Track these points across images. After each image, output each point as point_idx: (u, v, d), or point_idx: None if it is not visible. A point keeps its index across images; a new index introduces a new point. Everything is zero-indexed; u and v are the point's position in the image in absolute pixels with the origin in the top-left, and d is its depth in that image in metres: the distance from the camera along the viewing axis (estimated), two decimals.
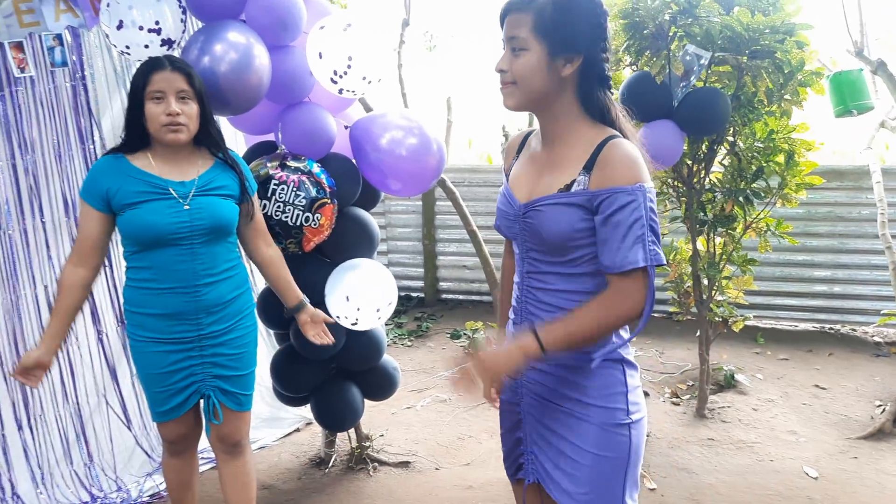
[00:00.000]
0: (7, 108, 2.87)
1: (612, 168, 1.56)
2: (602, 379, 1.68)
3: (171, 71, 2.20)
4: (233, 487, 2.57)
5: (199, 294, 2.29)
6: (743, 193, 3.56)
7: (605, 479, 1.70)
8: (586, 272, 1.65)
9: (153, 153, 2.28)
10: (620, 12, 3.29)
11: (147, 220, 2.19)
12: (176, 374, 2.34)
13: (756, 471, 3.33)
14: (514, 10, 1.61)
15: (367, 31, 2.63)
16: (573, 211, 1.60)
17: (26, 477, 3.03)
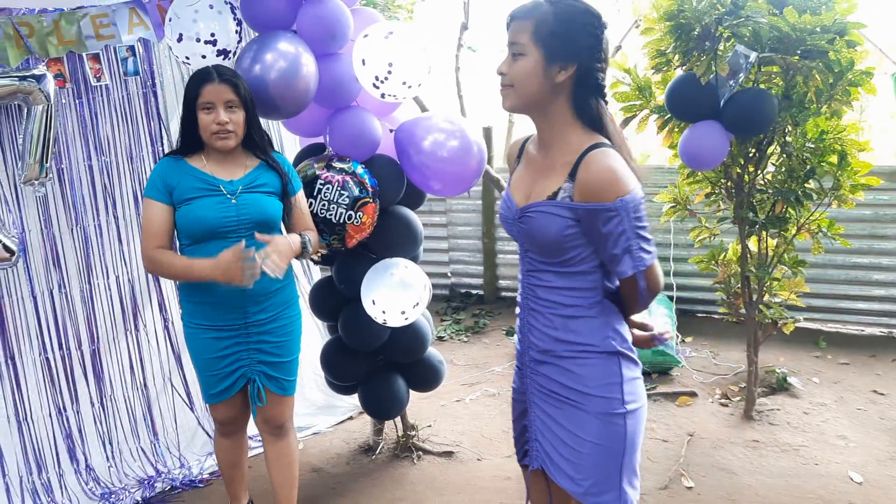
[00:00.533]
0: (85, 113, 3.15)
1: (592, 183, 1.66)
2: (598, 370, 1.79)
3: (220, 83, 2.40)
4: (277, 467, 2.76)
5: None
6: (794, 194, 3.53)
7: (603, 466, 1.80)
8: (582, 270, 1.77)
9: (206, 155, 2.50)
10: (665, 14, 3.31)
11: (199, 215, 2.41)
12: (224, 360, 2.55)
13: (799, 474, 3.31)
14: (518, 17, 1.73)
15: (408, 38, 2.76)
16: (559, 219, 1.72)
17: (98, 451, 3.32)
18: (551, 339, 1.82)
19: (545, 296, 1.82)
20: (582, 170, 1.68)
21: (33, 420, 3.15)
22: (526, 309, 1.89)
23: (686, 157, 3.40)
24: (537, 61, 1.70)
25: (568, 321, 1.80)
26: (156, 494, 3.30)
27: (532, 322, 1.87)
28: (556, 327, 1.81)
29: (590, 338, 1.78)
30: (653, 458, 3.49)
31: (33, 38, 2.86)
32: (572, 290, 1.78)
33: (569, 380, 1.81)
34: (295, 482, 2.80)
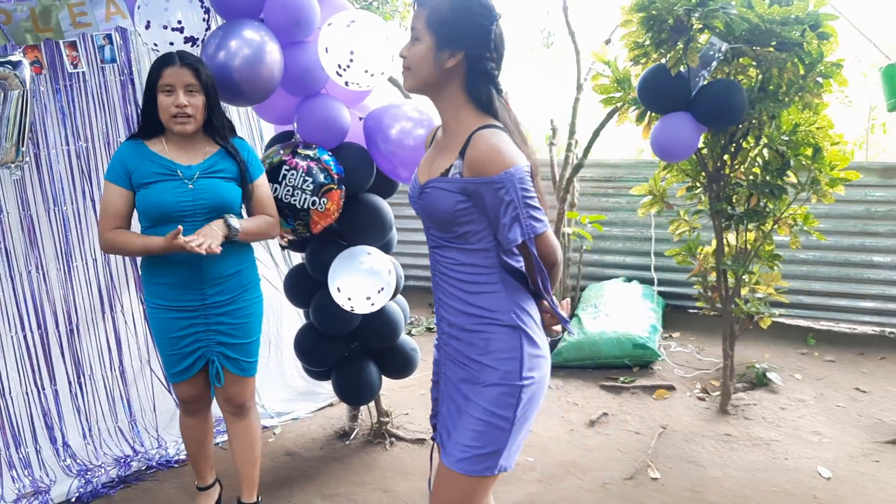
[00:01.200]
0: (62, 99, 3.23)
1: (478, 159, 1.75)
2: (501, 343, 1.85)
3: (181, 66, 2.46)
4: (239, 445, 2.83)
5: (202, 267, 2.54)
6: (769, 187, 3.52)
7: (490, 436, 1.84)
8: (480, 248, 1.85)
9: (167, 139, 2.56)
10: (636, 6, 3.32)
11: (156, 199, 2.47)
12: (184, 340, 2.61)
13: (767, 468, 3.30)
14: (419, 3, 1.83)
15: (370, 27, 2.80)
16: (450, 194, 1.80)
17: (76, 429, 3.41)
18: (458, 312, 1.89)
19: (450, 272, 1.90)
20: (470, 148, 1.77)
21: (12, 397, 3.25)
22: (436, 285, 1.97)
23: (657, 148, 3.41)
24: (429, 47, 1.80)
25: (471, 296, 1.86)
26: (132, 473, 3.37)
27: (441, 296, 1.94)
28: (462, 301, 1.88)
29: (493, 312, 1.85)
30: (622, 449, 3.50)
31: (10, 25, 2.95)
32: (473, 267, 1.86)
33: (472, 351, 1.87)
34: (257, 461, 2.87)
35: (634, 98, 3.63)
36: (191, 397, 2.77)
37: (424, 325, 5.41)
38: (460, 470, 1.85)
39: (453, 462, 1.85)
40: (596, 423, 3.77)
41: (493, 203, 1.75)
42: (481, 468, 1.84)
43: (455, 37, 1.78)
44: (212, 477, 3.00)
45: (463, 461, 1.84)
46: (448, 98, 1.86)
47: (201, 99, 2.50)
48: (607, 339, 4.36)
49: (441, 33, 1.78)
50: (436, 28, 1.79)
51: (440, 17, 1.79)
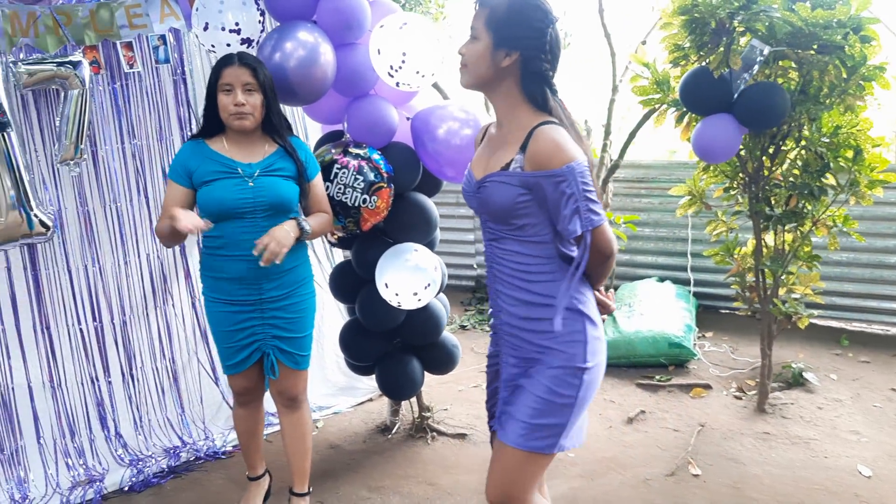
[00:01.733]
0: (118, 98, 3.33)
1: (541, 153, 1.83)
2: (565, 326, 1.92)
3: (239, 66, 2.54)
4: (291, 437, 2.90)
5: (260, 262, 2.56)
6: (808, 188, 3.54)
7: (551, 412, 1.92)
8: (537, 241, 1.92)
9: (227, 138, 2.64)
10: (680, 9, 3.36)
11: (217, 196, 2.54)
12: (240, 333, 2.68)
13: (807, 466, 3.33)
14: (480, 3, 1.92)
15: (421, 29, 2.87)
16: (511, 188, 1.88)
17: (128, 420, 3.50)
18: (519, 301, 1.95)
19: (508, 263, 1.96)
20: (531, 142, 1.84)
21: (67, 387, 3.35)
22: (493, 277, 2.02)
23: (699, 149, 3.45)
24: (486, 46, 1.89)
25: (532, 284, 1.93)
26: (181, 463, 3.46)
27: (499, 288, 2.00)
28: (523, 290, 1.94)
29: (554, 298, 1.92)
30: (661, 446, 3.55)
31: (70, 27, 3.04)
32: (532, 257, 1.93)
33: (536, 337, 1.94)
34: (308, 453, 2.93)
35: (674, 100, 3.67)
36: (244, 389, 2.84)
37: (458, 322, 5.47)
38: (520, 445, 1.92)
39: (513, 438, 1.92)
40: (634, 421, 3.82)
41: (554, 196, 1.83)
42: (542, 444, 1.92)
43: (511, 37, 1.87)
44: (262, 467, 3.08)
45: (523, 436, 1.91)
46: (504, 95, 1.94)
47: (259, 98, 2.57)
48: (643, 337, 4.40)
49: (498, 33, 1.87)
50: (494, 28, 1.87)
51: (498, 17, 1.87)
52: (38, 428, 3.29)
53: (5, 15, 2.92)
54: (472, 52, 1.91)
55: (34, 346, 3.28)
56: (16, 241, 3.04)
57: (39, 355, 3.29)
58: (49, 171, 3.22)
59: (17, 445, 3.24)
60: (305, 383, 2.89)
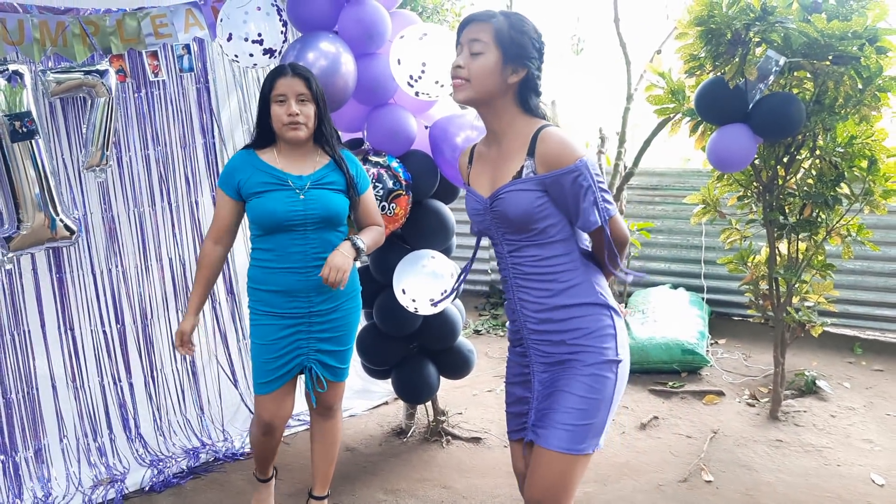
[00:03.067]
0: (143, 106, 3.40)
1: (552, 153, 1.89)
2: (595, 322, 1.97)
3: (293, 77, 2.52)
4: (321, 444, 2.89)
5: (311, 275, 2.57)
6: (823, 198, 3.57)
7: (591, 413, 1.95)
8: (557, 240, 1.97)
9: (278, 149, 2.62)
10: (696, 19, 3.40)
11: (268, 208, 2.53)
12: (284, 342, 2.63)
13: (820, 474, 3.35)
14: (479, 19, 1.95)
15: (441, 40, 2.92)
16: (529, 193, 1.92)
17: (148, 420, 3.57)
18: (547, 307, 1.98)
19: (533, 270, 1.98)
20: (539, 145, 1.90)
21: (89, 387, 3.42)
22: (514, 288, 2.04)
23: (714, 159, 3.48)
24: (496, 62, 1.92)
25: (557, 285, 1.97)
26: (200, 464, 3.52)
27: (524, 297, 2.01)
28: (549, 292, 1.97)
29: (581, 296, 1.96)
30: (675, 453, 3.58)
31: (98, 36, 3.11)
32: (555, 258, 1.97)
33: (568, 337, 1.97)
34: (333, 460, 2.93)
35: (689, 109, 3.71)
36: (271, 415, 2.71)
37: (472, 327, 5.52)
38: (568, 450, 1.93)
39: (559, 444, 1.93)
40: (647, 427, 3.85)
41: (573, 191, 1.88)
42: (584, 446, 1.95)
43: (521, 55, 1.92)
44: (272, 470, 3.12)
45: (569, 440, 1.93)
46: (502, 109, 1.98)
47: (312, 108, 2.55)
48: (656, 344, 4.43)
49: (509, 50, 1.91)
50: (504, 44, 1.91)
51: (508, 34, 1.91)
52: (62, 427, 3.36)
53: (35, 24, 3.00)
54: (480, 68, 1.92)
55: (58, 347, 3.35)
56: (41, 244, 3.11)
57: (63, 356, 3.36)
58: (75, 176, 3.29)
59: (41, 444, 3.30)
60: (342, 393, 2.87)
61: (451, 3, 6.46)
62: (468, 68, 1.93)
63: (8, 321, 3.21)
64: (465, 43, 1.95)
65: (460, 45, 1.97)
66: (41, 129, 3.01)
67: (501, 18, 1.93)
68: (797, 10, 3.35)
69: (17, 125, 2.91)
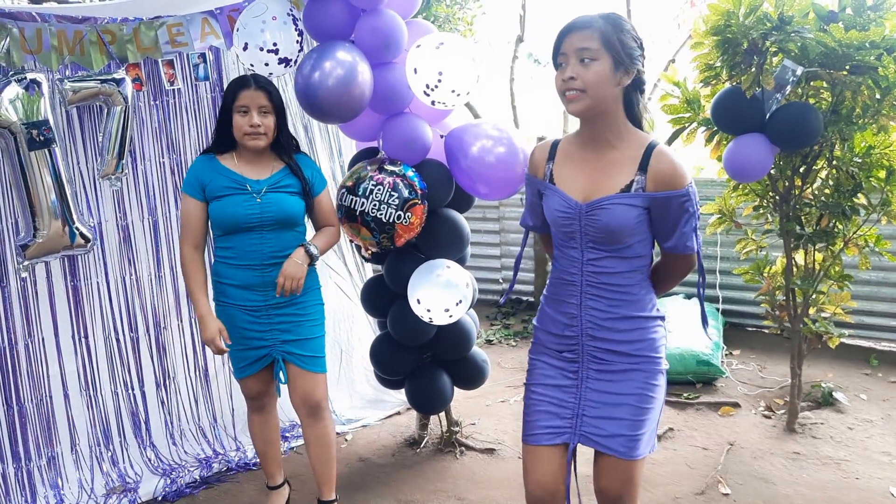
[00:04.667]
0: (159, 114, 3.41)
1: (666, 174, 1.94)
2: (654, 333, 2.07)
3: (255, 89, 2.68)
4: (315, 447, 2.95)
5: (266, 271, 2.75)
6: (840, 208, 3.54)
7: (652, 418, 2.08)
8: (638, 255, 2.04)
9: (238, 155, 2.78)
10: (712, 29, 3.38)
11: (227, 211, 2.70)
12: (248, 333, 2.80)
13: (838, 487, 3.31)
14: (582, 27, 1.93)
15: (457, 49, 2.91)
16: (633, 209, 1.96)
17: (161, 429, 3.56)
18: (615, 317, 2.04)
19: (609, 280, 2.04)
20: (654, 162, 1.94)
21: (102, 395, 3.41)
22: (583, 295, 2.07)
23: (730, 168, 3.46)
24: (609, 67, 1.91)
25: (628, 296, 2.04)
26: (213, 474, 3.51)
27: (593, 304, 2.06)
28: (621, 304, 2.04)
29: (647, 308, 2.06)
30: (691, 465, 3.54)
31: (115, 45, 3.12)
32: (631, 272, 2.04)
33: (631, 348, 2.05)
34: (333, 461, 2.99)
35: (704, 118, 3.69)
36: (256, 393, 2.95)
37: (484, 337, 5.50)
38: (639, 456, 2.05)
39: (626, 452, 2.03)
40: (662, 438, 3.81)
41: (677, 214, 1.96)
42: (649, 448, 2.09)
43: (629, 57, 1.92)
44: (281, 476, 3.13)
45: (634, 447, 2.04)
46: (613, 116, 1.98)
47: (272, 119, 2.73)
48: (670, 354, 4.40)
49: (619, 54, 1.90)
50: (613, 49, 1.90)
51: (615, 38, 1.90)
52: (74, 436, 3.36)
53: (52, 33, 3.00)
54: (595, 75, 1.90)
55: (72, 355, 3.35)
56: (57, 252, 3.11)
57: (77, 364, 3.35)
58: (91, 184, 3.29)
59: (55, 452, 3.30)
60: (325, 389, 2.94)
61: (462, 12, 6.46)
62: (582, 78, 1.91)
63: (22, 329, 3.21)
64: (570, 53, 1.93)
65: (563, 56, 1.96)
66: (58, 138, 3.02)
67: (602, 22, 1.92)
68: (814, 20, 3.34)
69: (34, 133, 2.92)
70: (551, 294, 2.18)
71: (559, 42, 1.97)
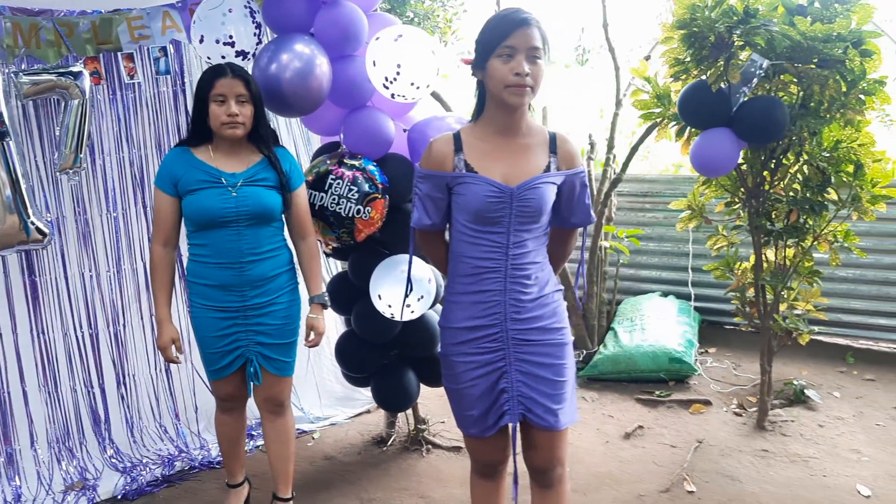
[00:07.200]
0: (118, 108, 3.37)
1: (573, 153, 2.16)
2: (562, 304, 2.22)
3: (232, 77, 2.59)
4: (275, 443, 2.92)
5: (244, 269, 2.65)
6: (809, 203, 3.51)
7: (567, 392, 2.19)
8: (544, 233, 2.18)
9: (213, 147, 2.68)
10: (678, 22, 3.35)
11: (201, 205, 2.59)
12: (225, 339, 2.72)
13: (805, 485, 3.28)
14: (530, 25, 1.99)
15: (416, 41, 2.88)
16: (553, 187, 2.11)
17: (122, 427, 3.52)
18: (534, 297, 2.12)
19: (527, 260, 2.12)
20: (560, 145, 2.13)
21: (61, 392, 3.37)
22: (510, 280, 2.10)
23: (697, 163, 3.43)
24: (544, 64, 2.03)
25: (542, 274, 2.15)
26: (175, 472, 3.47)
27: (515, 287, 2.11)
28: (537, 283, 2.13)
29: (554, 283, 2.20)
30: (658, 463, 3.51)
31: (72, 38, 3.08)
32: (538, 249, 2.15)
33: (551, 321, 2.15)
34: (292, 458, 2.96)
35: (674, 114, 3.65)
36: (228, 395, 2.88)
37: None
38: (562, 426, 2.15)
39: (556, 424, 2.13)
40: (631, 436, 3.78)
41: (580, 190, 2.15)
42: (571, 419, 2.19)
43: (546, 53, 2.04)
44: (242, 475, 3.09)
45: (570, 414, 2.18)
46: (527, 108, 2.10)
47: (250, 109, 2.63)
48: (643, 352, 4.37)
49: (546, 52, 2.03)
50: (545, 46, 2.02)
51: (545, 36, 2.02)
52: (33, 432, 3.32)
53: (7, 28, 2.97)
54: (540, 73, 2.01)
55: (30, 351, 3.31)
56: (12, 247, 3.07)
57: (35, 360, 3.32)
58: (48, 179, 3.26)
59: (13, 449, 3.26)
60: (290, 389, 2.92)
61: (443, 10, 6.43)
62: (532, 76, 1.99)
63: None
64: (520, 48, 1.97)
65: (511, 49, 1.97)
66: (13, 132, 2.98)
67: (539, 22, 2.01)
68: (783, 13, 3.31)
69: None
70: (464, 288, 2.15)
71: (505, 34, 1.98)
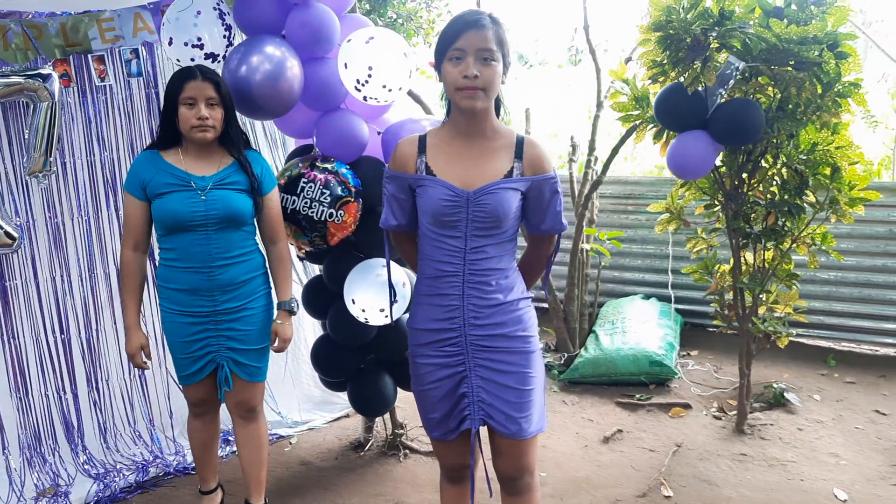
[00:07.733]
0: (89, 111, 3.33)
1: (539, 159, 2.08)
2: (530, 312, 2.18)
3: (202, 80, 2.55)
4: (247, 448, 2.89)
5: (214, 274, 2.62)
6: (787, 205, 3.50)
7: (534, 401, 2.15)
8: (509, 239, 2.12)
9: (184, 150, 2.65)
10: (654, 25, 3.34)
11: (169, 208, 2.56)
12: (195, 344, 2.69)
13: (782, 489, 3.27)
14: (480, 27, 1.97)
15: (388, 44, 2.86)
16: (516, 193, 2.06)
17: (94, 432, 3.48)
18: (495, 303, 2.09)
19: (487, 266, 2.09)
20: (527, 150, 2.07)
21: (32, 398, 3.33)
22: (468, 285, 2.09)
23: (673, 166, 3.41)
24: (501, 68, 2.00)
25: (504, 280, 2.11)
26: (149, 478, 3.43)
27: (473, 293, 2.09)
28: (498, 290, 2.09)
29: (520, 291, 2.15)
30: (636, 467, 3.49)
31: (41, 40, 3.04)
32: (503, 256, 2.11)
33: (514, 329, 2.11)
34: (264, 463, 2.93)
35: (652, 116, 3.64)
36: (199, 401, 2.85)
37: None
38: (529, 435, 2.12)
39: (521, 432, 2.10)
40: (610, 440, 3.76)
41: (549, 196, 2.09)
42: (539, 427, 2.16)
43: (508, 56, 2.03)
44: (215, 481, 3.06)
45: (539, 422, 2.15)
46: (490, 109, 2.07)
47: (220, 112, 2.60)
48: (624, 355, 4.35)
49: (506, 56, 2.01)
50: (502, 49, 1.99)
51: (502, 38, 1.99)
52: (4, 438, 3.28)
53: None
54: (493, 75, 1.97)
55: (0, 356, 3.26)
56: None
57: (6, 366, 3.28)
58: (18, 182, 3.22)
59: None
60: (262, 394, 2.90)
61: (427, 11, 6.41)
62: (483, 78, 1.96)
63: None
64: (469, 50, 1.96)
65: (460, 51, 1.97)
66: None
67: (494, 24, 1.98)
68: (759, 16, 3.29)
69: None
70: (427, 290, 2.17)
71: (455, 37, 1.98)
